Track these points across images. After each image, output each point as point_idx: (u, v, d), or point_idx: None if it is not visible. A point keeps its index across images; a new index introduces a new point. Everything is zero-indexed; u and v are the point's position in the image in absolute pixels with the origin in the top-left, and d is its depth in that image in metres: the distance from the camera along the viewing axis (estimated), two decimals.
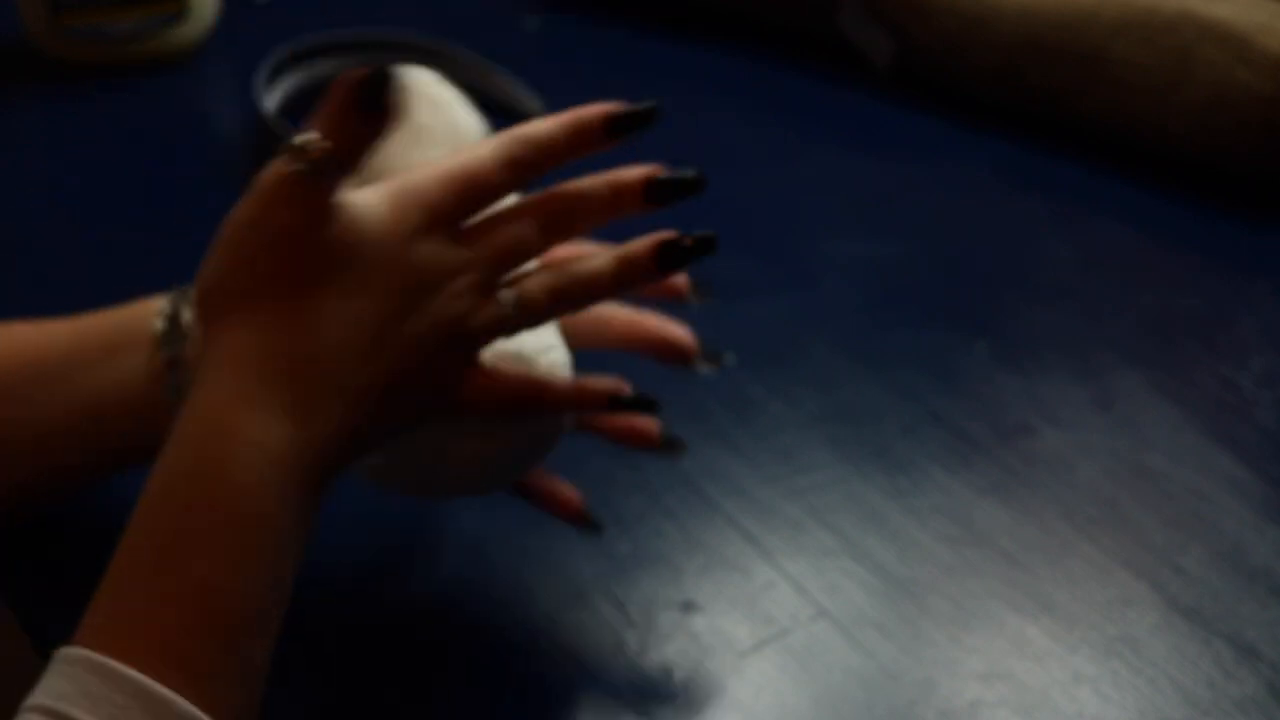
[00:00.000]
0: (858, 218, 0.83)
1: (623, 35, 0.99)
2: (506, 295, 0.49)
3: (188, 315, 0.53)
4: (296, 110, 0.84)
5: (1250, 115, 0.82)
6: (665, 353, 0.56)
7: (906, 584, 0.59)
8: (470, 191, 0.48)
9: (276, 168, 0.47)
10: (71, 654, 0.41)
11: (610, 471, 0.62)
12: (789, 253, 0.79)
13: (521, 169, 0.49)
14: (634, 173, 0.51)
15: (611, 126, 0.51)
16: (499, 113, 0.89)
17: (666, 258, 0.51)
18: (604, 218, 0.50)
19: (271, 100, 0.82)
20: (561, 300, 0.50)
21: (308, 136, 0.46)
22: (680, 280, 0.57)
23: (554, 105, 0.86)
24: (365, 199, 0.47)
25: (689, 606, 0.57)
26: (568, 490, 0.56)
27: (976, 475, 0.64)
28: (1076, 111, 0.89)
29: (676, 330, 0.56)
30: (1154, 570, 0.60)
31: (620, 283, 0.51)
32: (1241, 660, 0.56)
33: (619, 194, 0.50)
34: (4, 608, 0.57)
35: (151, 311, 0.54)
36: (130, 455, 0.54)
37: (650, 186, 0.51)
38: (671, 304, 0.58)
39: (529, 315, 0.49)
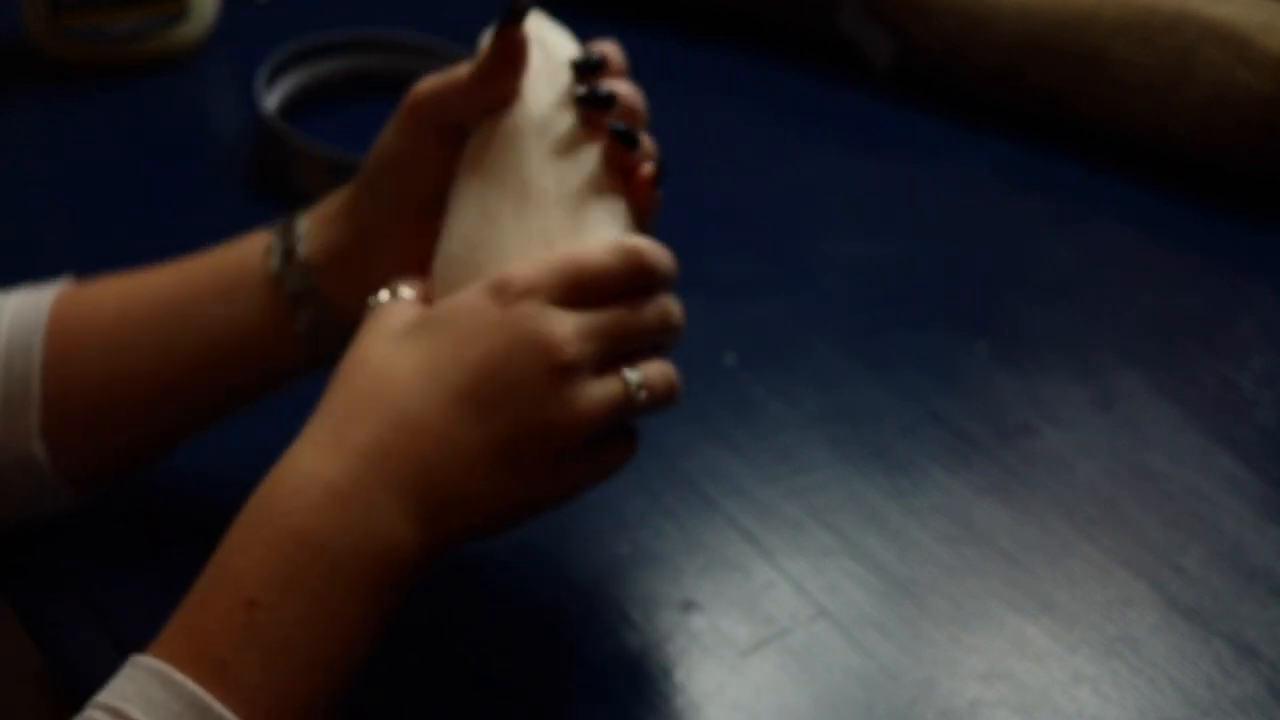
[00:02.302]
0: (858, 218, 0.83)
1: (623, 35, 0.99)
2: (633, 377, 0.49)
3: (302, 249, 0.54)
4: (296, 110, 0.85)
5: (1250, 115, 0.82)
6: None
7: (906, 584, 0.59)
8: (577, 276, 0.48)
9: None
10: (139, 660, 0.42)
11: None
12: (789, 253, 0.79)
13: (639, 264, 0.49)
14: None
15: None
16: None
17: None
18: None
19: (272, 100, 0.82)
20: (672, 399, 0.51)
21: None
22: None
23: None
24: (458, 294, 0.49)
25: (689, 606, 0.57)
26: None
27: (976, 475, 0.64)
28: (1076, 111, 0.89)
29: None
30: (1154, 570, 0.60)
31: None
32: (1241, 660, 0.56)
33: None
34: (4, 607, 0.57)
35: (257, 250, 0.55)
36: (252, 391, 0.56)
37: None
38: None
39: (649, 407, 0.49)
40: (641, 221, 0.54)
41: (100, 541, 0.58)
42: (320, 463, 0.45)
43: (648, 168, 0.53)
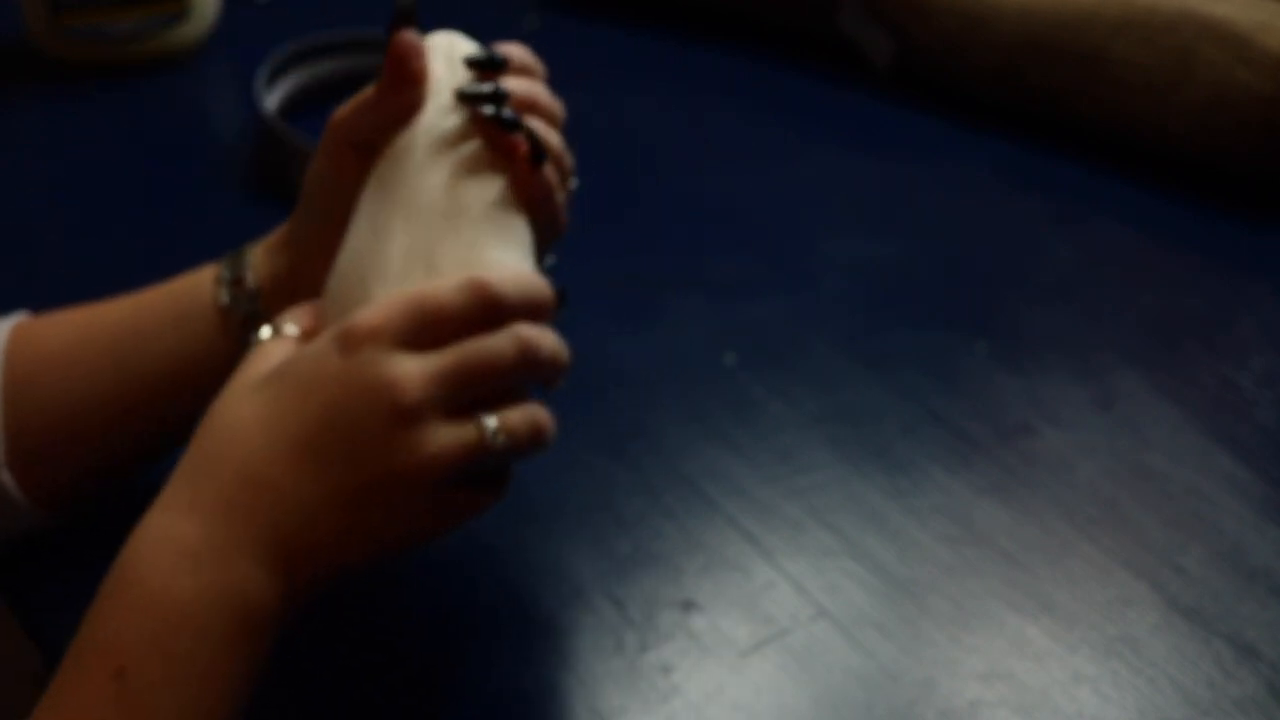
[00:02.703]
0: (858, 218, 0.83)
1: (623, 35, 0.99)
2: (490, 422, 0.47)
3: (250, 277, 0.55)
4: (296, 110, 0.85)
5: (1250, 115, 0.82)
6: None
7: (906, 584, 0.59)
8: (423, 315, 0.46)
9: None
10: None
11: (610, 471, 0.63)
12: (789, 253, 0.79)
13: (489, 298, 0.47)
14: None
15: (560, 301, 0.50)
16: None
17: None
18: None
19: (272, 100, 0.82)
20: (539, 444, 0.48)
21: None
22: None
23: None
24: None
25: (689, 606, 0.57)
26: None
27: (976, 475, 0.64)
28: (1076, 111, 0.89)
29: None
30: (1154, 570, 0.60)
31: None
32: (1241, 660, 0.56)
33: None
34: (4, 607, 0.57)
35: (207, 279, 0.56)
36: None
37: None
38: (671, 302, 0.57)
39: (511, 452, 0.47)
40: (545, 217, 0.53)
41: (100, 542, 0.58)
42: (174, 524, 0.45)
43: (522, 145, 0.51)
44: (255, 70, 0.83)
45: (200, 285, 0.56)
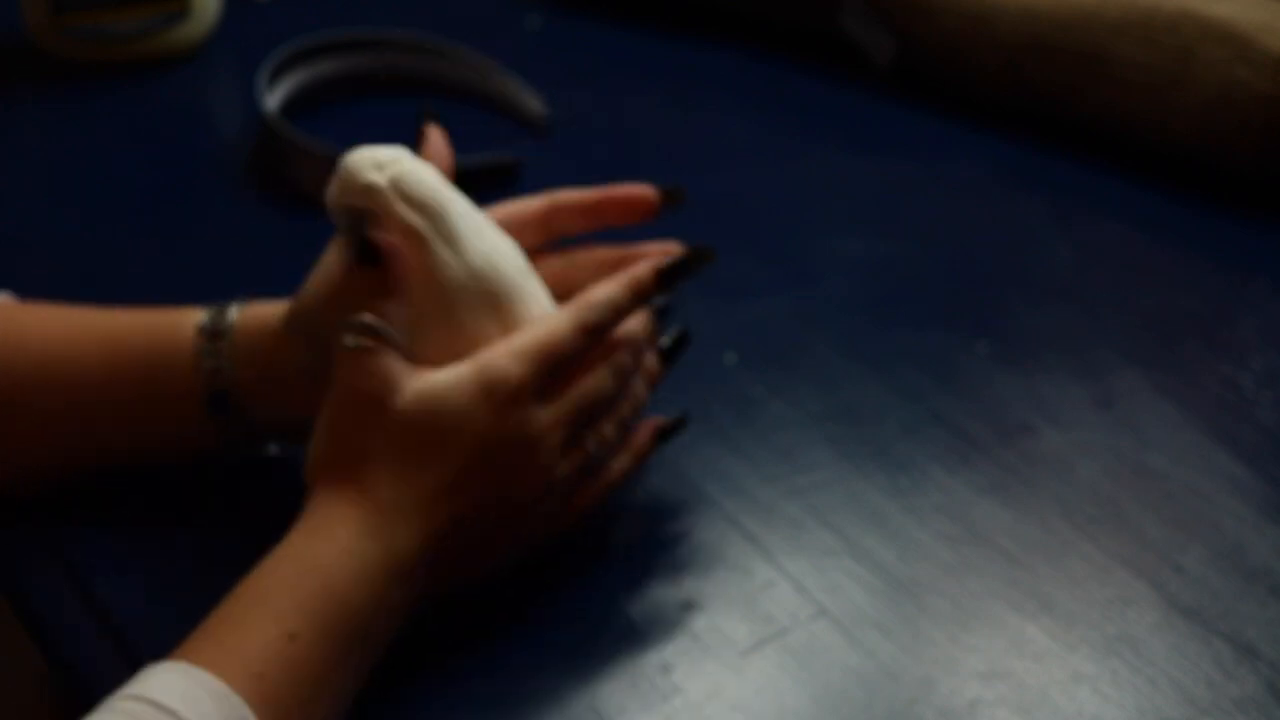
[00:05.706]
0: (858, 218, 0.83)
1: (623, 35, 0.99)
2: (592, 443, 0.55)
3: (228, 353, 0.56)
4: (298, 109, 0.85)
5: (1251, 115, 0.82)
6: (632, 216, 0.63)
7: (906, 583, 0.59)
8: (551, 362, 0.53)
9: (342, 350, 0.52)
10: (187, 670, 0.45)
11: None
12: (789, 253, 0.79)
13: (595, 332, 0.55)
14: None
15: (663, 280, 0.57)
16: (500, 112, 0.89)
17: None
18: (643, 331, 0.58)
19: (273, 99, 0.82)
20: (624, 430, 0.58)
21: (365, 320, 0.52)
22: (647, 194, 0.63)
23: (555, 105, 0.87)
24: (450, 376, 0.52)
25: (689, 606, 0.57)
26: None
27: (976, 475, 0.64)
28: (1077, 111, 0.89)
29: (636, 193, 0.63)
30: (1154, 570, 0.60)
31: (648, 381, 0.59)
32: (1241, 660, 0.56)
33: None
34: (5, 608, 0.57)
35: (189, 327, 0.57)
36: (171, 453, 0.59)
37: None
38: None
39: (606, 453, 0.57)
40: None
41: (103, 542, 0.58)
42: (366, 544, 0.50)
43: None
44: (256, 70, 0.83)
45: (177, 338, 0.56)
